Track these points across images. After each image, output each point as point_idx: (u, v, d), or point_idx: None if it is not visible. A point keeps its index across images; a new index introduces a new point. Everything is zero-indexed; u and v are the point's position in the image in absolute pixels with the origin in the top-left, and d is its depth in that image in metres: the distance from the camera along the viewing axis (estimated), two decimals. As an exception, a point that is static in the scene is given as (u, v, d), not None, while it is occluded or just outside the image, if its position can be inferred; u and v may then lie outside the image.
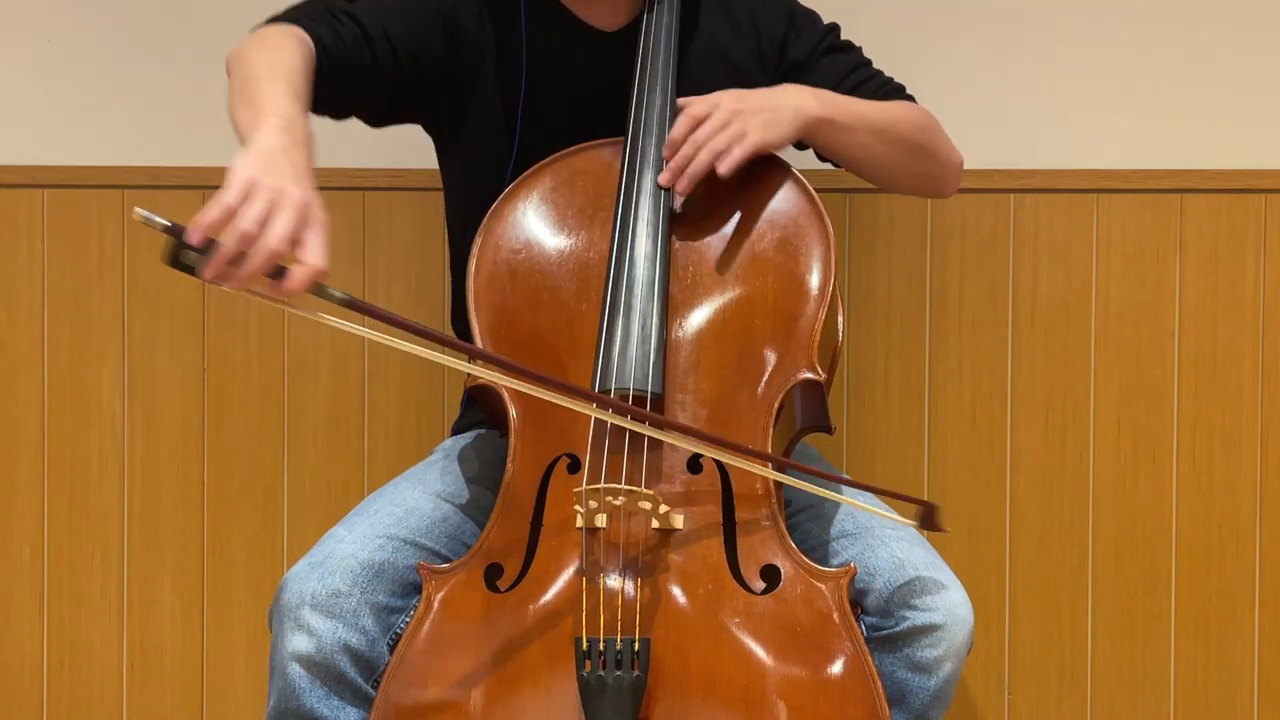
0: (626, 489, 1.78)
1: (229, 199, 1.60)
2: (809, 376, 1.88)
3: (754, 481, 1.84)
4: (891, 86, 2.17)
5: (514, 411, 1.89)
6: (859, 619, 1.87)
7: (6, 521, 2.59)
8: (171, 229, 1.60)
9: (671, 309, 1.91)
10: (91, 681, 2.60)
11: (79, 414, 2.59)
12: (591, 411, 1.80)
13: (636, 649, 1.73)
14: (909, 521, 1.87)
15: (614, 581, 1.79)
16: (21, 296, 2.58)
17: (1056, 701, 2.58)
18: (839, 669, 1.75)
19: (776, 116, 1.96)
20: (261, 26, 1.95)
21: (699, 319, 1.92)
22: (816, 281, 1.93)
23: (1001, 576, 2.58)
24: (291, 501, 2.59)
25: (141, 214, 1.58)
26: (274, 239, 1.59)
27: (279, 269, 1.61)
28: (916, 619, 1.85)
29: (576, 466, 1.85)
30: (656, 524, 1.79)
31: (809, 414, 1.90)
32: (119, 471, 2.59)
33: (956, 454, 2.58)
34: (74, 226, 2.58)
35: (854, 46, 2.20)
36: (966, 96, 2.54)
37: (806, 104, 1.99)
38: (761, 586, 1.79)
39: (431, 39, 2.06)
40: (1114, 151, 2.57)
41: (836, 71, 2.14)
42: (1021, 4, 2.57)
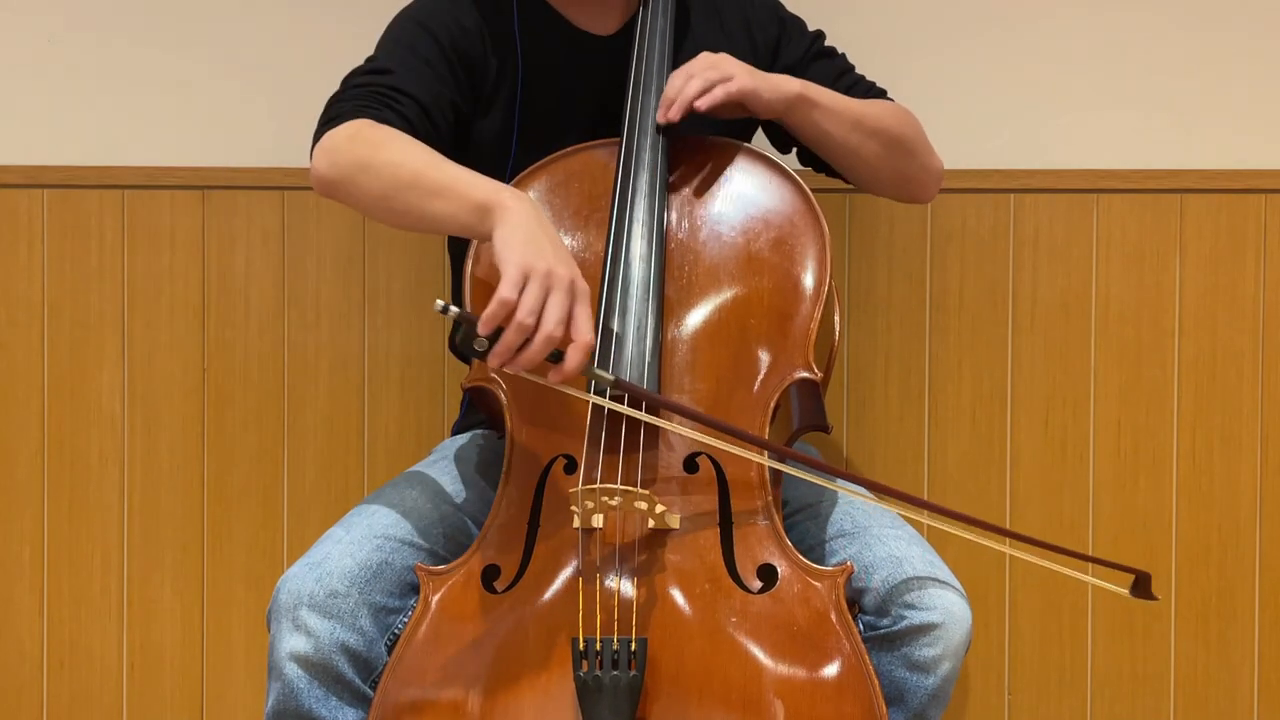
0: (623, 489, 1.78)
1: (506, 293, 1.70)
2: (805, 376, 1.88)
3: (751, 481, 1.84)
4: (876, 91, 2.19)
5: (511, 413, 1.89)
6: (857, 618, 1.87)
7: (6, 521, 2.59)
8: (464, 318, 1.71)
9: (667, 309, 1.91)
10: (91, 681, 2.60)
11: (79, 414, 2.59)
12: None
13: (633, 649, 1.73)
14: (1121, 590, 1.84)
15: (611, 581, 1.79)
16: (21, 296, 2.58)
17: (1056, 701, 2.57)
18: (836, 668, 1.75)
19: (760, 78, 2.00)
20: (329, 128, 1.92)
21: (694, 319, 1.92)
22: (812, 281, 1.93)
23: (1001, 576, 2.57)
24: (291, 501, 2.59)
25: (440, 305, 1.69)
26: (550, 325, 1.72)
27: (557, 353, 1.72)
28: (914, 618, 1.85)
29: (573, 467, 1.86)
30: (653, 524, 1.80)
31: (806, 413, 1.90)
32: (119, 471, 2.59)
33: (956, 454, 2.57)
34: (74, 226, 2.58)
35: (839, 53, 2.22)
36: (966, 96, 2.54)
37: (791, 84, 2.02)
38: (758, 586, 1.79)
39: (455, 80, 2.06)
40: (1114, 151, 2.56)
41: (826, 75, 2.15)
42: (1021, 4, 2.57)
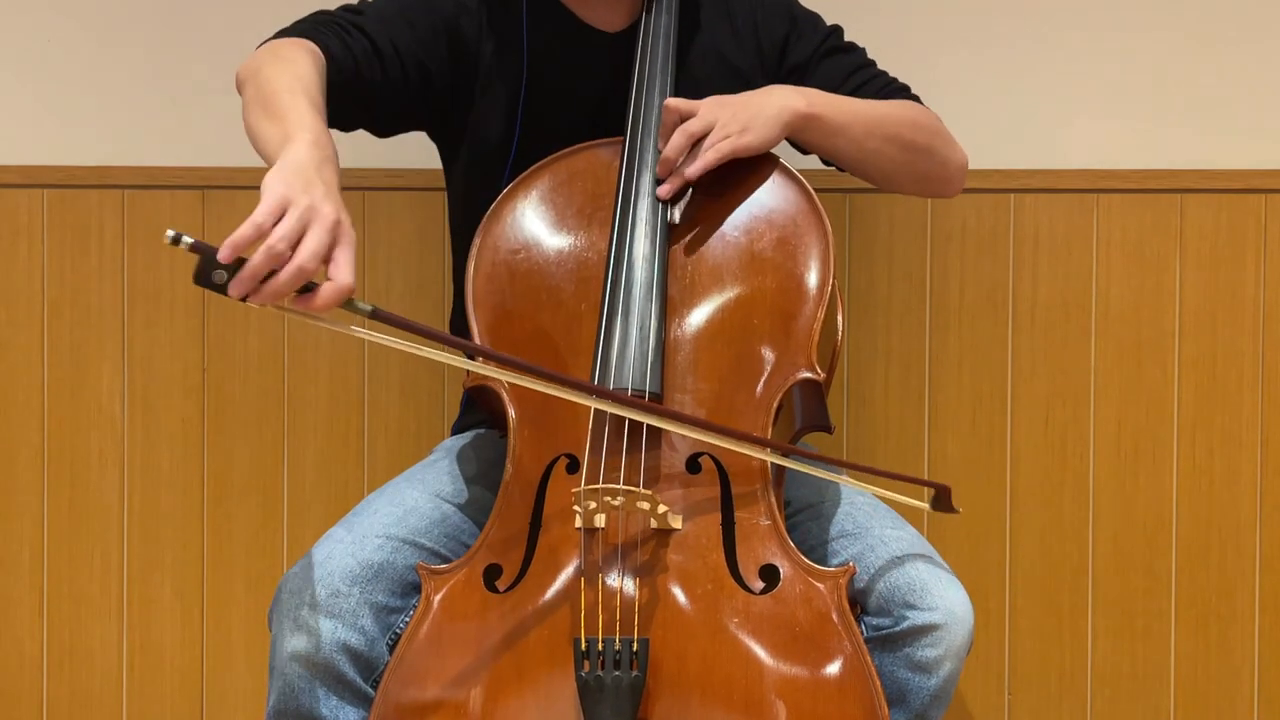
0: (625, 489, 1.77)
1: (261, 217, 1.61)
2: (808, 376, 1.88)
3: (753, 481, 1.83)
4: (895, 87, 2.16)
5: (513, 412, 1.89)
6: (859, 619, 1.86)
7: (6, 521, 2.59)
8: (200, 247, 1.60)
9: (670, 309, 1.91)
10: (91, 681, 2.60)
11: (79, 414, 2.59)
12: (592, 403, 1.80)
13: (635, 649, 1.73)
14: (921, 504, 1.87)
15: (613, 581, 1.79)
16: (21, 296, 2.58)
17: (1056, 701, 2.58)
18: (838, 669, 1.75)
19: (754, 118, 1.95)
20: (271, 39, 1.94)
21: (697, 319, 1.92)
22: (815, 280, 1.93)
23: (1001, 576, 2.57)
24: (291, 501, 2.58)
25: (171, 234, 1.60)
26: (305, 257, 1.61)
27: (308, 285, 1.63)
28: (916, 618, 1.85)
29: (575, 467, 1.85)
30: (655, 524, 1.79)
31: (808, 413, 1.90)
32: (119, 471, 2.59)
33: (956, 454, 2.58)
34: (74, 226, 2.58)
35: (856, 48, 2.19)
36: (967, 96, 2.54)
37: (792, 102, 1.98)
38: (760, 586, 1.79)
39: (437, 49, 2.06)
40: (1114, 151, 2.56)
41: (837, 73, 2.14)
42: (1021, 4, 2.57)
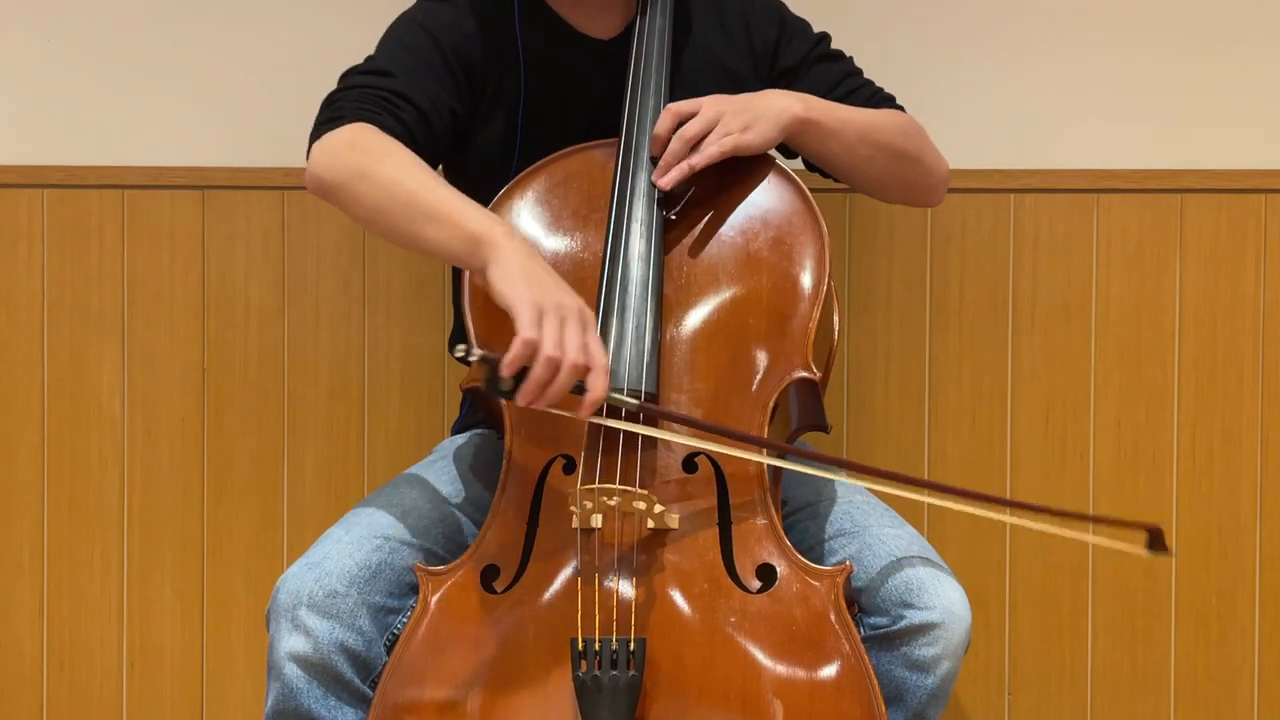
0: (621, 489, 1.78)
1: (529, 333, 1.71)
2: (804, 375, 1.88)
3: (750, 481, 1.84)
4: (881, 96, 2.17)
5: (509, 413, 1.89)
6: (856, 618, 1.86)
7: (6, 521, 2.59)
8: (487, 359, 1.71)
9: (666, 309, 1.91)
10: (91, 681, 2.60)
11: (79, 414, 2.59)
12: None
13: (632, 649, 1.74)
14: (1138, 550, 1.78)
15: (610, 582, 1.79)
16: (21, 296, 2.58)
17: (1056, 701, 2.57)
18: (835, 668, 1.75)
19: (757, 119, 1.96)
20: (327, 132, 1.92)
21: (693, 319, 1.92)
22: (811, 280, 1.93)
23: (1001, 576, 2.57)
24: (291, 501, 2.59)
25: (461, 350, 1.71)
26: (574, 354, 1.72)
27: (579, 384, 1.73)
28: (914, 617, 1.85)
29: (572, 467, 1.86)
30: (652, 524, 1.79)
31: (805, 413, 1.91)
32: (119, 471, 2.59)
33: (956, 454, 2.57)
34: (74, 226, 2.58)
35: (845, 56, 2.21)
36: (967, 97, 2.54)
37: (790, 106, 1.99)
38: (757, 585, 1.79)
39: (458, 89, 2.05)
40: (1114, 151, 2.56)
41: (828, 79, 2.15)
42: (1022, 5, 2.57)
